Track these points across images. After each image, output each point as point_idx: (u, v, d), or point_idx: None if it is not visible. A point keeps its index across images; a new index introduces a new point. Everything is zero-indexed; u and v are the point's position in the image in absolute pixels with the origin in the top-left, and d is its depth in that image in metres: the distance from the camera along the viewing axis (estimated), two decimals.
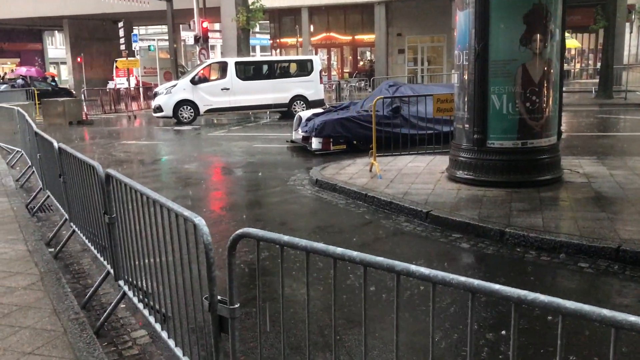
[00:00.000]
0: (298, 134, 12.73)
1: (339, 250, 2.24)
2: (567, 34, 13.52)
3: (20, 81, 28.08)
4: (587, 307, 1.60)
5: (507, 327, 3.98)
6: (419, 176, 8.63)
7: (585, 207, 6.63)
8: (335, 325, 2.40)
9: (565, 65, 8.13)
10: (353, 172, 9.25)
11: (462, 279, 1.90)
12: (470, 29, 7.53)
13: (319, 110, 13.89)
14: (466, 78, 7.77)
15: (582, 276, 5.03)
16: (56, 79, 38.91)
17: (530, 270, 5.21)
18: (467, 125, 7.83)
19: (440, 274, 1.96)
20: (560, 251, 5.47)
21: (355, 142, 11.79)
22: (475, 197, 7.24)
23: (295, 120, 13.30)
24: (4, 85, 32.84)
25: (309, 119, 12.44)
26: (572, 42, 11.83)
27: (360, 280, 4.82)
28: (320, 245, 2.31)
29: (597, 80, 24.28)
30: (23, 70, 31.35)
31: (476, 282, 1.87)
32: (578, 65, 40.51)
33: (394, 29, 33.41)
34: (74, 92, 27.71)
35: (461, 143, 7.97)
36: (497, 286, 1.82)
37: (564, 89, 8.49)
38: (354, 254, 2.18)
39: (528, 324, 4.01)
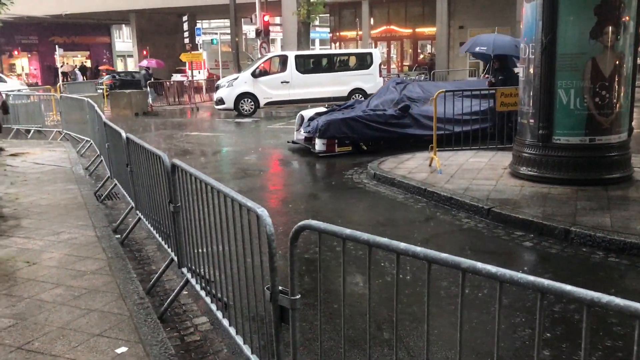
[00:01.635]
0: (300, 134, 11.99)
1: (403, 245, 2.22)
2: None
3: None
4: None
5: (569, 325, 3.87)
6: (480, 172, 8.45)
7: None
8: (397, 321, 2.38)
9: (638, 58, 7.76)
10: (412, 166, 9.15)
11: (531, 278, 1.85)
12: (538, 20, 7.29)
13: (322, 109, 13.14)
14: (532, 72, 7.54)
15: None
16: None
17: (597, 272, 5.02)
18: (531, 121, 7.61)
19: (507, 272, 1.91)
20: (630, 252, 5.25)
21: (361, 143, 11.15)
22: (540, 194, 7.03)
23: (297, 119, 12.58)
24: (107, 76, 34.60)
25: (311, 119, 11.75)
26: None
27: (416, 275, 4.77)
28: (383, 240, 2.29)
29: None
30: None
31: (546, 282, 1.81)
32: None
33: (456, 21, 32.81)
34: (165, 83, 28.91)
35: (525, 138, 7.75)
36: (568, 287, 1.76)
37: (636, 83, 8.10)
38: (418, 249, 2.16)
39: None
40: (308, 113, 12.30)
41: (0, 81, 30.14)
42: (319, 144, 11.01)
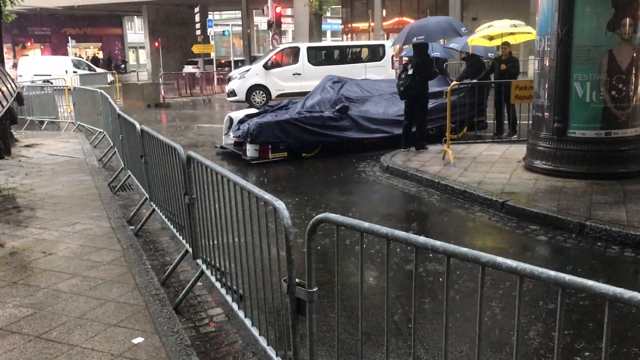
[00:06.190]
0: (229, 139, 11.09)
1: (421, 239, 2.21)
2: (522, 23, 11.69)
3: None
4: None
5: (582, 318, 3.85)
6: (494, 165, 8.41)
7: None
8: (416, 314, 2.38)
9: None
10: (425, 159, 9.12)
11: (552, 273, 1.84)
12: (554, 12, 7.23)
13: (253, 110, 11.98)
14: (547, 64, 7.48)
15: None
16: None
17: (612, 266, 4.99)
18: (547, 114, 7.55)
19: (527, 267, 1.90)
20: None
21: (298, 149, 10.23)
22: (554, 188, 6.99)
23: (225, 122, 11.51)
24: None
25: (241, 121, 10.70)
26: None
27: (428, 269, 4.77)
28: (401, 234, 2.29)
29: None
30: None
31: (567, 276, 1.80)
32: None
33: (469, 13, 32.52)
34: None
35: (540, 132, 7.70)
36: (590, 282, 1.75)
37: None
38: (437, 243, 2.15)
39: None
40: (237, 115, 11.28)
41: (91, 70, 30.57)
42: (250, 150, 10.12)
